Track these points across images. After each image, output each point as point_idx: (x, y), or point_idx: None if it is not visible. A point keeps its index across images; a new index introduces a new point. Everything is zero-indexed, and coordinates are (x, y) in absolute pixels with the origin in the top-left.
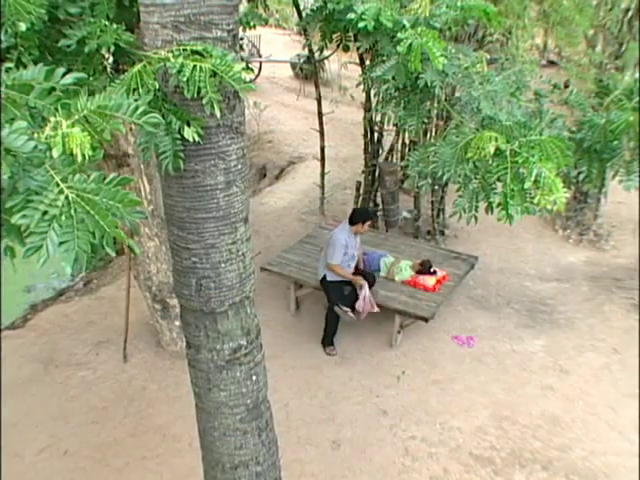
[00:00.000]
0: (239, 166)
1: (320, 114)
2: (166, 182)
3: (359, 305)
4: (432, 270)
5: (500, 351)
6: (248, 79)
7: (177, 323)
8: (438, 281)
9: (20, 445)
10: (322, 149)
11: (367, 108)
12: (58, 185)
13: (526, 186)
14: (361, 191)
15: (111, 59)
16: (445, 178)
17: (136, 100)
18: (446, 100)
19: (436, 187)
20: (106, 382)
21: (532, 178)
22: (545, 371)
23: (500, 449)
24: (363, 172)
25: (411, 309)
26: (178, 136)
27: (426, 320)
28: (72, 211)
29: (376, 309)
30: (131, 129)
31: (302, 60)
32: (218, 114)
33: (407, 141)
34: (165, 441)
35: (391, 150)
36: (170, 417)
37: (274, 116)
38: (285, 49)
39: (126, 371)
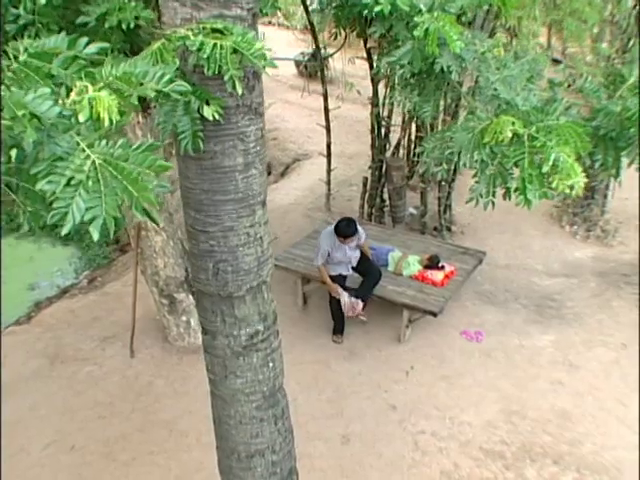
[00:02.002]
0: (258, 148)
1: (326, 110)
2: (184, 164)
3: (343, 309)
4: (440, 265)
5: (509, 346)
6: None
7: (184, 318)
8: (446, 276)
9: (26, 440)
10: (328, 145)
11: (374, 103)
12: (84, 151)
13: (544, 170)
14: (368, 187)
15: None
16: (462, 163)
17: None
18: (459, 84)
19: (443, 183)
20: (113, 377)
21: (550, 162)
22: (554, 366)
23: (510, 443)
24: (370, 168)
25: (419, 304)
26: (197, 116)
27: (435, 315)
28: (99, 176)
29: (359, 316)
30: (138, 122)
31: (307, 58)
32: (239, 91)
33: (413, 137)
34: (173, 436)
35: (398, 145)
36: (177, 412)
37: (278, 114)
38: (288, 47)
39: (133, 366)
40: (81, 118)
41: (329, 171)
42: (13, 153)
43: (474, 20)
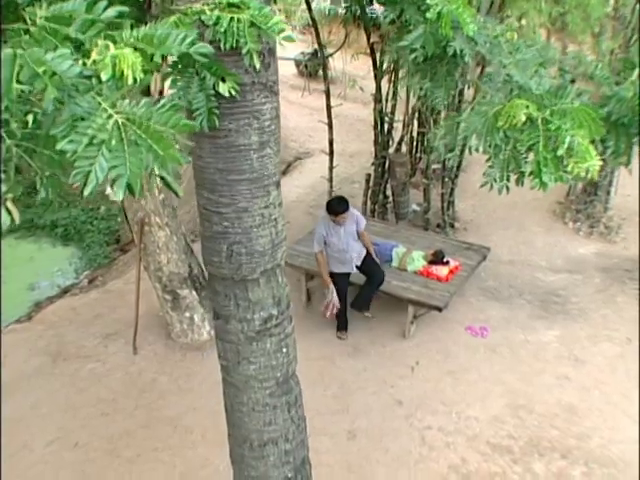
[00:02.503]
0: (272, 127)
1: (329, 106)
2: (197, 143)
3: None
4: (445, 260)
5: (514, 341)
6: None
7: (187, 314)
8: (451, 271)
9: (29, 437)
10: (331, 142)
11: (377, 99)
12: (106, 111)
13: (559, 154)
14: (371, 183)
15: None
16: (475, 148)
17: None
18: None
19: (446, 179)
20: (116, 374)
21: (565, 146)
22: (560, 361)
23: (518, 438)
24: (373, 164)
25: (424, 299)
26: (212, 92)
27: (440, 310)
28: (122, 135)
29: (327, 315)
30: None
31: (307, 57)
32: (257, 65)
33: (416, 134)
34: (177, 432)
35: (401, 142)
36: (182, 409)
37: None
38: (288, 47)
39: (136, 363)
40: (103, 76)
41: (331, 168)
42: (30, 118)
43: (478, 11)
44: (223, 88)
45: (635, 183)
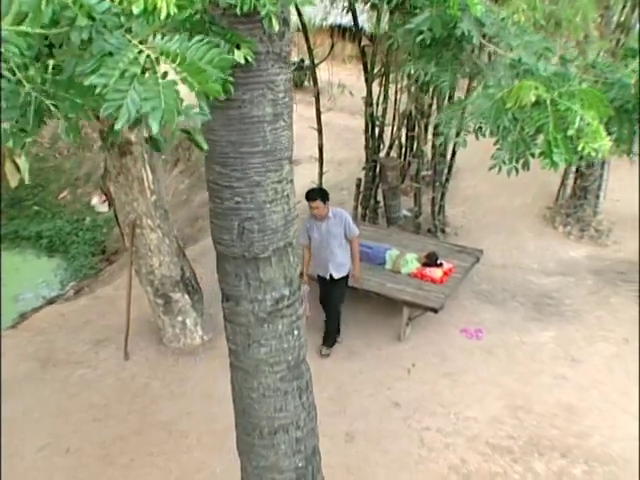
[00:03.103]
0: (286, 99)
1: (318, 111)
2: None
3: None
4: (438, 262)
5: (509, 343)
6: None
7: (180, 319)
8: (445, 273)
9: (19, 443)
10: (320, 148)
11: (368, 103)
12: (136, 47)
13: (569, 134)
14: (361, 188)
15: None
16: (484, 130)
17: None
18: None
19: (437, 183)
20: (107, 380)
21: (575, 125)
22: (556, 361)
23: (517, 438)
24: (364, 168)
25: (419, 300)
26: None
27: (435, 311)
28: (156, 69)
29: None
30: None
31: (293, 67)
32: (276, 27)
33: (406, 138)
34: (172, 437)
35: (391, 146)
36: (175, 413)
37: None
38: None
39: (128, 369)
40: (135, 10)
41: (321, 174)
42: (50, 62)
43: None
44: (238, 55)
45: (624, 187)
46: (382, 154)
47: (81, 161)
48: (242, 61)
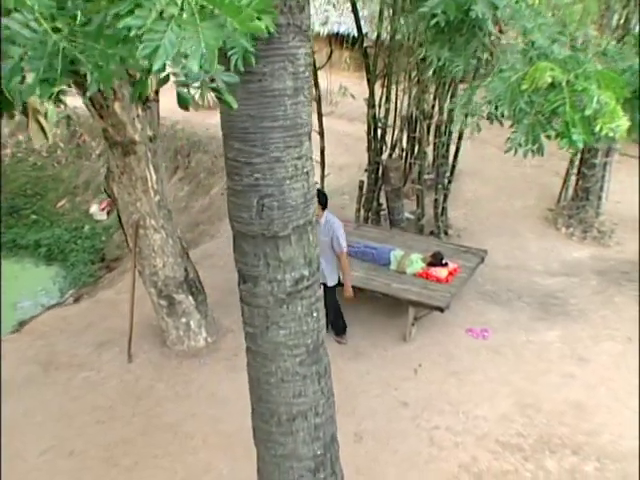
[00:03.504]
0: (307, 73)
1: (320, 114)
2: (228, 89)
3: None
4: (444, 262)
5: (516, 342)
6: None
7: (184, 320)
8: (450, 273)
9: (22, 446)
10: (322, 150)
11: (370, 104)
12: None
13: (587, 113)
14: (364, 190)
15: None
16: (500, 112)
17: None
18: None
19: (439, 186)
20: (110, 382)
21: (592, 105)
22: (564, 360)
23: (527, 436)
24: (366, 170)
25: (425, 300)
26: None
27: (442, 310)
28: (194, 9)
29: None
30: (138, 115)
31: None
32: None
33: (408, 140)
34: (177, 439)
35: (394, 147)
36: (180, 415)
37: None
38: None
39: (131, 371)
40: None
41: (323, 177)
42: (78, 13)
43: None
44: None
45: (624, 190)
46: (384, 156)
47: (79, 170)
48: (264, 31)
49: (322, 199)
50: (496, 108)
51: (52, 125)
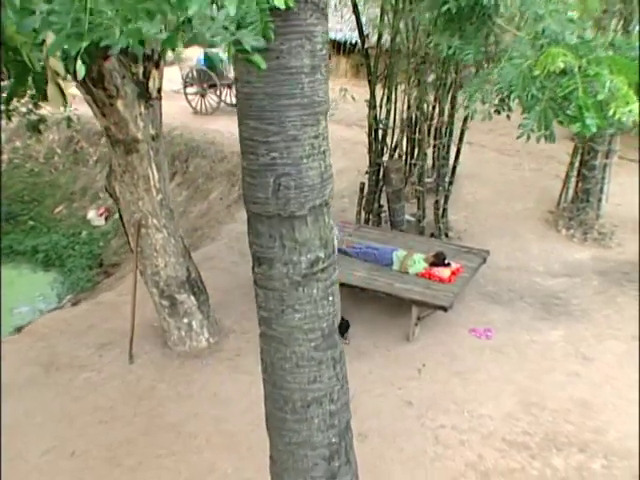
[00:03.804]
0: (323, 51)
1: None
2: (244, 67)
3: None
4: (446, 262)
5: (519, 342)
6: None
7: (185, 320)
8: (453, 273)
9: (23, 446)
10: None
11: (372, 105)
12: None
13: (600, 98)
14: (365, 192)
15: None
16: (512, 98)
17: None
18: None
19: (440, 187)
20: (112, 383)
21: (605, 90)
22: (567, 358)
23: (533, 434)
24: (367, 172)
25: (429, 299)
26: (266, 6)
27: (445, 309)
28: None
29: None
30: (140, 113)
31: None
32: None
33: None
34: (180, 438)
35: (395, 148)
36: (183, 415)
37: None
38: None
39: (133, 372)
40: None
41: None
42: None
43: None
44: (279, 1)
45: (624, 193)
46: (385, 157)
47: (77, 176)
48: (283, 6)
49: None
50: (508, 96)
51: (70, 87)
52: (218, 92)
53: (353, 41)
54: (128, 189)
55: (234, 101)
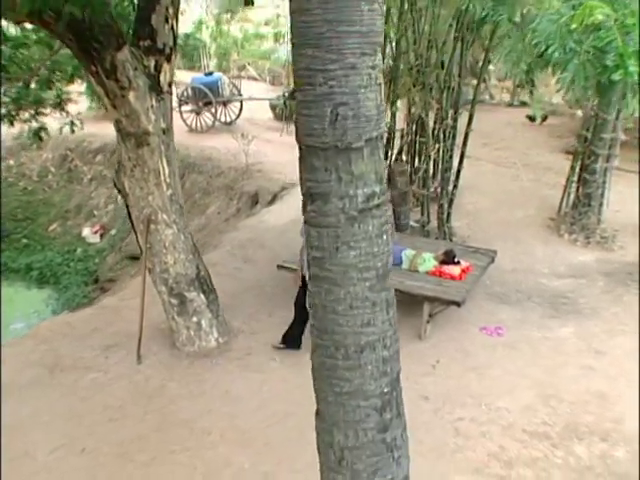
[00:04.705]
0: None
1: None
2: None
3: None
4: (456, 260)
5: (531, 338)
6: None
7: (195, 319)
8: (463, 270)
9: (30, 445)
10: None
11: None
12: None
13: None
14: None
15: None
16: (550, 52)
17: None
18: None
19: (444, 191)
20: (120, 383)
21: None
22: (580, 353)
23: (553, 424)
24: None
25: (441, 295)
26: None
27: (458, 304)
28: None
29: None
30: (152, 105)
31: (287, 94)
32: None
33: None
34: (194, 434)
35: (401, 151)
36: (196, 412)
37: (259, 150)
38: (263, 92)
39: (141, 372)
40: None
41: None
42: None
43: None
44: None
45: (623, 200)
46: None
47: (71, 194)
48: None
49: None
50: (546, 49)
51: None
52: (213, 110)
53: None
54: (138, 184)
55: (229, 119)
